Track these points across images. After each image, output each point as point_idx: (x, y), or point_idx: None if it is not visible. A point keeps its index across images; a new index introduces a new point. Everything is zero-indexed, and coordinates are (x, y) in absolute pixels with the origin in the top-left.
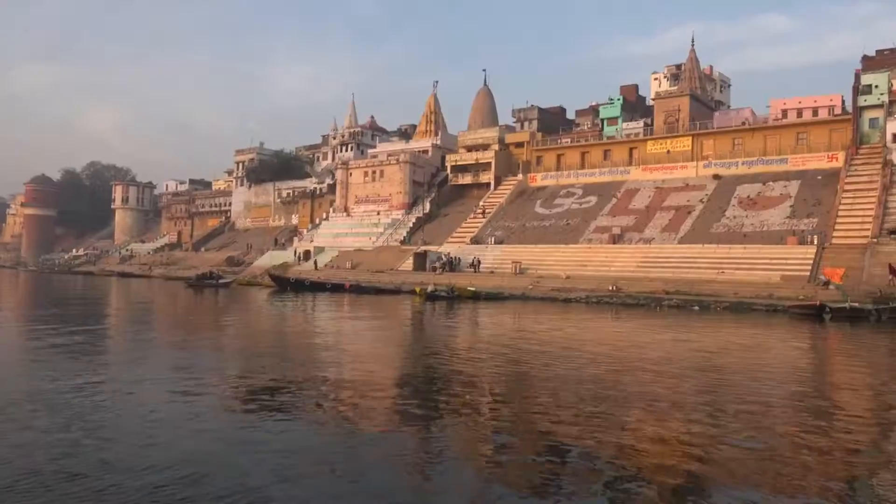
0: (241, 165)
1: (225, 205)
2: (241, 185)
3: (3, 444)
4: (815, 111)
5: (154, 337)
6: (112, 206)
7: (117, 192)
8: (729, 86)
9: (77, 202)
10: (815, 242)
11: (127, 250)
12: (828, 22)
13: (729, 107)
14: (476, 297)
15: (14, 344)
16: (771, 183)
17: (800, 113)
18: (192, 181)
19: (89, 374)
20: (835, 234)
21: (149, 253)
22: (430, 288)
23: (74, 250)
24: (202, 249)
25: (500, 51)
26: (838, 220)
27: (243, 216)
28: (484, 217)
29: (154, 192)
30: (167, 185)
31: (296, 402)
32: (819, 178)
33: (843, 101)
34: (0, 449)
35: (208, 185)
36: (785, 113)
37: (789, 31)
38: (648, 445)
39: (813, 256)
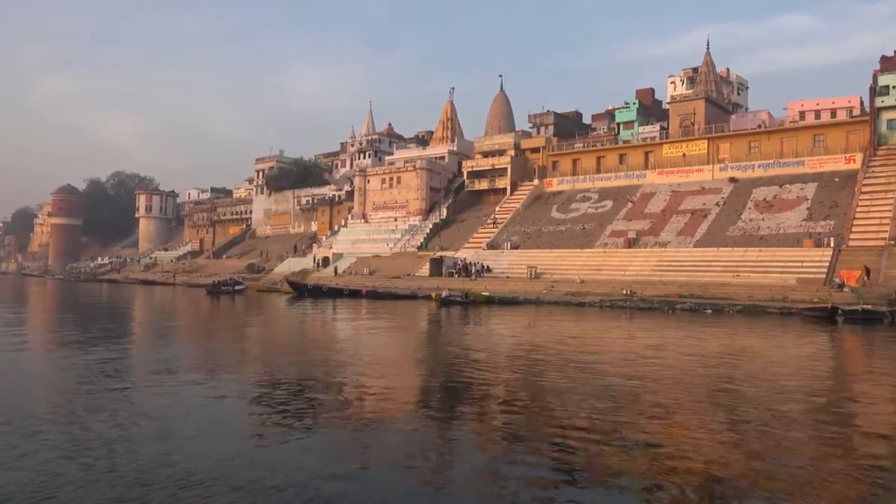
0: (261, 173)
1: (246, 212)
2: (262, 193)
3: (104, 455)
4: (832, 113)
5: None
6: (136, 215)
7: (141, 201)
8: (746, 88)
9: (102, 211)
10: (832, 245)
11: (150, 258)
12: (848, 21)
13: (746, 109)
14: (490, 301)
15: (53, 352)
16: (787, 185)
17: (817, 115)
18: (213, 189)
19: (153, 381)
20: (851, 236)
21: (172, 261)
22: (444, 293)
23: (100, 258)
24: (224, 257)
25: (517, 56)
26: (855, 222)
27: (264, 223)
28: (496, 225)
29: (176, 201)
30: (189, 194)
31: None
32: (836, 180)
33: (862, 103)
34: (103, 459)
35: (229, 193)
36: (802, 115)
37: (809, 31)
38: (664, 452)
39: (829, 259)
